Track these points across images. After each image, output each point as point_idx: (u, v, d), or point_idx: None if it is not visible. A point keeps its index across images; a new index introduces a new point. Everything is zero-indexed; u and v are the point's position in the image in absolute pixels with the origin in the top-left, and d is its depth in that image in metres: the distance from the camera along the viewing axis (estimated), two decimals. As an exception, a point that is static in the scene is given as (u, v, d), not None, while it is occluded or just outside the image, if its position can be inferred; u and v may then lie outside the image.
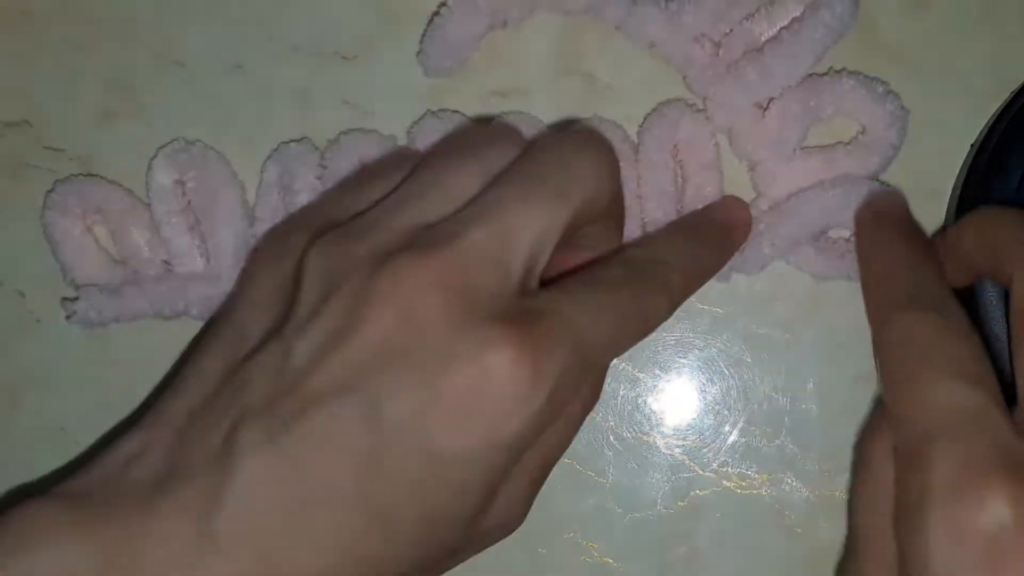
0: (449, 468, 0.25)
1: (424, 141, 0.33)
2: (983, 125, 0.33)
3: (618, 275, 0.29)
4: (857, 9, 0.32)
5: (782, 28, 0.32)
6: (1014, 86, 0.33)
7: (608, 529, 0.35)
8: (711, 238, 0.32)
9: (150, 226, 0.34)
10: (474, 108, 0.34)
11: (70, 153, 0.35)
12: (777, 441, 0.31)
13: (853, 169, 0.33)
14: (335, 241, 0.27)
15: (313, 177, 0.34)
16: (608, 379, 0.35)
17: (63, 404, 0.36)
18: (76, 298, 0.34)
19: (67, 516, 0.25)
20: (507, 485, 0.27)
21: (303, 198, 0.33)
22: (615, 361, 0.35)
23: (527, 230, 0.27)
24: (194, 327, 0.35)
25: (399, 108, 0.34)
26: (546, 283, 0.28)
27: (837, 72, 0.33)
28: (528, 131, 0.33)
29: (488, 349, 0.25)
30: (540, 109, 0.34)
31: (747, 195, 0.33)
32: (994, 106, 0.33)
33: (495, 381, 0.25)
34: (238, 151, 0.35)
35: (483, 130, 0.31)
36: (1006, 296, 0.30)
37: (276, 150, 0.34)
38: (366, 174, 0.31)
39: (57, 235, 0.35)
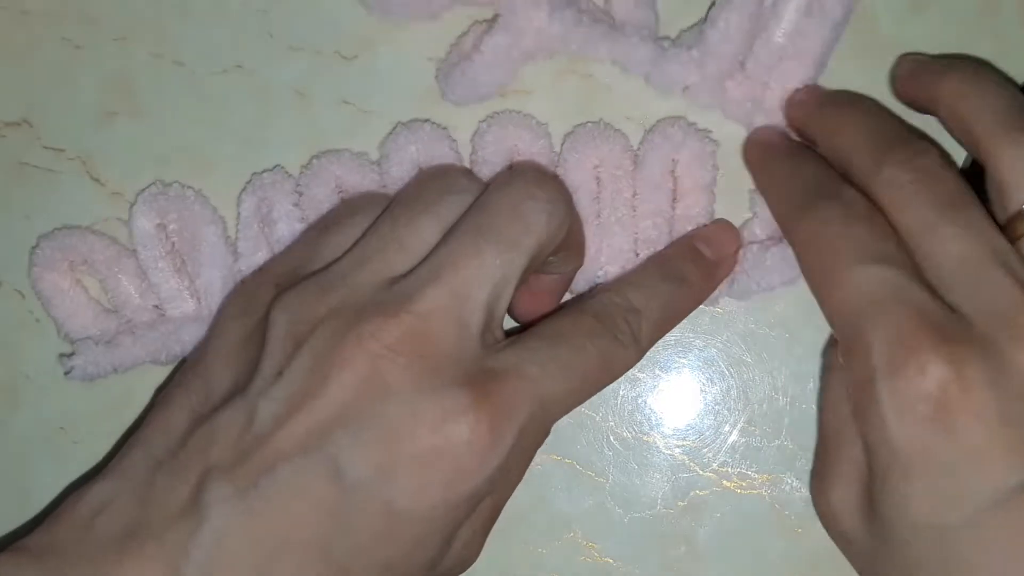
0: (408, 523, 0.26)
1: (398, 155, 0.33)
2: (983, 125, 0.33)
3: (584, 328, 0.29)
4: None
5: (801, 22, 0.32)
6: (1014, 86, 0.33)
7: (608, 529, 0.35)
8: (693, 278, 0.32)
9: (138, 272, 0.35)
10: (475, 109, 0.34)
11: (70, 153, 0.35)
12: (777, 441, 0.31)
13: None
14: (299, 296, 0.28)
15: (290, 204, 0.34)
16: (608, 379, 0.35)
17: (63, 404, 0.36)
18: (72, 353, 0.34)
19: (35, 570, 0.26)
20: (463, 530, 0.28)
21: (283, 227, 0.33)
22: (615, 361, 0.35)
23: (482, 285, 0.27)
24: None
25: (398, 108, 0.34)
26: (512, 328, 0.29)
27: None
28: (528, 131, 0.33)
29: (448, 414, 0.26)
30: (540, 109, 0.34)
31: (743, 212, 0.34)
32: (994, 106, 0.33)
33: (454, 444, 0.26)
34: (238, 150, 0.35)
35: (438, 179, 0.31)
36: None
37: (250, 182, 0.34)
38: (332, 221, 0.32)
39: (47, 290, 0.35)
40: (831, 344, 0.29)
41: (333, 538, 0.26)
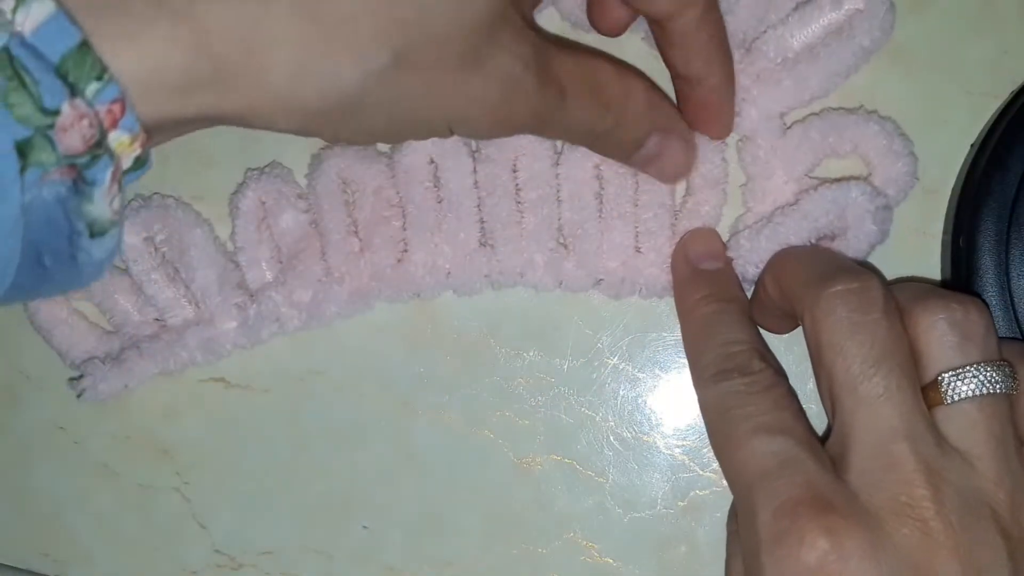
0: None
1: (410, 145, 0.33)
2: (983, 125, 0.33)
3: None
4: (892, 29, 0.32)
5: (818, 43, 0.32)
6: (1014, 86, 0.33)
7: (608, 529, 0.35)
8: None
9: (132, 289, 0.35)
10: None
11: (70, 153, 0.35)
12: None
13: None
14: None
15: (294, 196, 0.34)
16: (608, 379, 0.35)
17: (63, 404, 0.36)
18: (81, 376, 0.34)
19: None
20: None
21: (288, 218, 0.34)
22: (615, 361, 0.35)
23: None
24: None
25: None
26: None
27: (867, 112, 0.33)
28: None
29: None
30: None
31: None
32: (994, 106, 0.33)
33: None
34: (237, 150, 0.35)
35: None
36: (1014, 318, 0.31)
37: (244, 180, 0.34)
38: None
39: (45, 323, 0.35)
40: (733, 512, 0.30)
41: None
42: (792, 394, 0.30)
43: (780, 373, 0.30)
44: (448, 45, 0.26)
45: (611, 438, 0.35)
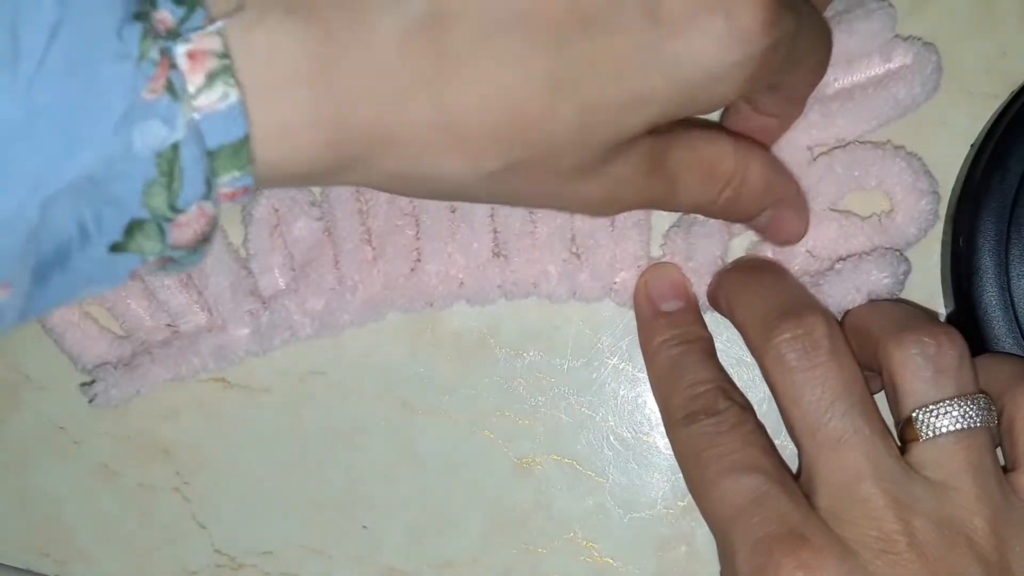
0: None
1: None
2: (983, 125, 0.33)
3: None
4: (935, 90, 0.32)
5: (856, 86, 0.32)
6: (1014, 86, 0.33)
7: (608, 529, 0.35)
8: None
9: (145, 293, 0.34)
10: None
11: (70, 153, 0.35)
12: (777, 441, 0.31)
13: (865, 248, 0.33)
14: None
15: (307, 204, 0.34)
16: (608, 379, 0.35)
17: (63, 404, 0.36)
18: (93, 381, 0.34)
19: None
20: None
21: (301, 225, 0.33)
22: (615, 361, 0.35)
23: None
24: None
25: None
26: None
27: (894, 148, 0.33)
28: None
29: None
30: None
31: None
32: (994, 106, 0.33)
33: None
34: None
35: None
36: (1014, 318, 0.31)
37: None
38: None
39: (57, 327, 0.35)
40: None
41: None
42: (760, 428, 0.30)
43: (747, 408, 0.31)
44: (565, 159, 0.25)
45: (611, 438, 0.35)
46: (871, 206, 0.33)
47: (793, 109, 0.31)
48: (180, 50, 0.20)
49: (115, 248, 0.21)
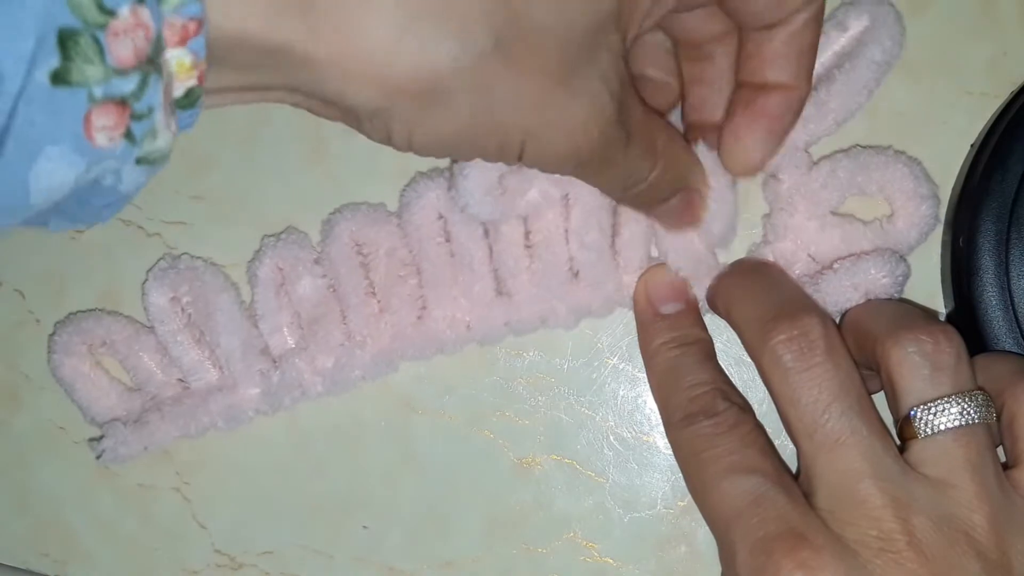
0: None
1: (418, 203, 0.33)
2: (983, 125, 0.33)
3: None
4: (903, 38, 0.32)
5: (831, 68, 0.32)
6: (1014, 86, 0.33)
7: (608, 529, 0.35)
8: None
9: (158, 348, 0.34)
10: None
11: (70, 153, 0.35)
12: (777, 441, 0.31)
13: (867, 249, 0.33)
14: None
15: (311, 261, 0.34)
16: (608, 379, 0.35)
17: (63, 404, 0.36)
18: (101, 436, 0.34)
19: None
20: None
21: (306, 283, 0.34)
22: (615, 361, 0.35)
23: None
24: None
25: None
26: None
27: (896, 152, 0.33)
28: None
29: None
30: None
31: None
32: (994, 106, 0.33)
33: None
34: (237, 150, 0.35)
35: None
36: (1014, 318, 0.31)
37: (260, 248, 0.34)
38: None
39: (67, 376, 0.35)
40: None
41: None
42: (759, 429, 0.30)
43: (746, 409, 0.31)
44: (548, 44, 0.24)
45: (611, 438, 0.35)
46: (871, 210, 0.33)
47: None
48: None
49: (56, 78, 0.19)
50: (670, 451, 0.32)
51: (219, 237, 0.35)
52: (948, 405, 0.28)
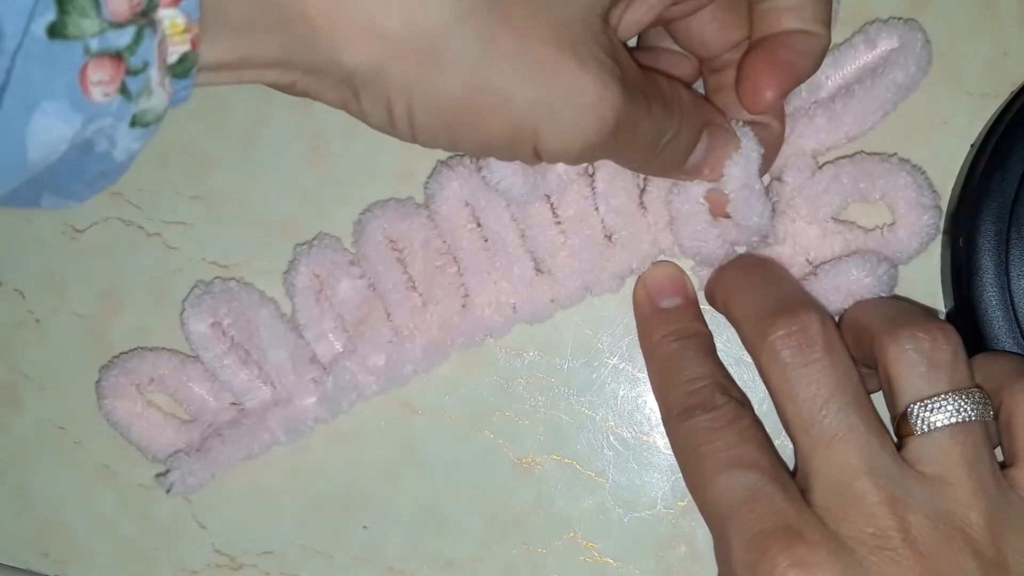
0: None
1: (443, 194, 0.33)
2: (983, 125, 0.33)
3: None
4: (929, 66, 0.32)
5: (852, 82, 0.32)
6: (1014, 86, 0.33)
7: (608, 529, 0.35)
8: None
9: (206, 376, 0.34)
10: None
11: (70, 153, 0.35)
12: (777, 441, 0.31)
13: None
14: None
15: (347, 263, 0.34)
16: (608, 379, 0.35)
17: (63, 404, 0.36)
18: (168, 471, 0.34)
19: None
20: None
21: (345, 286, 0.33)
22: (615, 361, 0.35)
23: None
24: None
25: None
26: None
27: (900, 160, 0.33)
28: None
29: None
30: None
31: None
32: (994, 106, 0.33)
33: None
34: (237, 150, 0.35)
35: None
36: (1014, 318, 0.31)
37: (294, 257, 0.34)
38: None
39: (121, 420, 0.34)
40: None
41: None
42: (757, 424, 0.30)
43: (744, 404, 0.31)
44: (545, 10, 0.24)
45: (611, 438, 0.35)
46: (872, 217, 0.33)
47: None
48: None
49: (53, 31, 0.19)
50: (670, 451, 0.32)
51: (219, 237, 0.35)
52: (944, 402, 0.28)
